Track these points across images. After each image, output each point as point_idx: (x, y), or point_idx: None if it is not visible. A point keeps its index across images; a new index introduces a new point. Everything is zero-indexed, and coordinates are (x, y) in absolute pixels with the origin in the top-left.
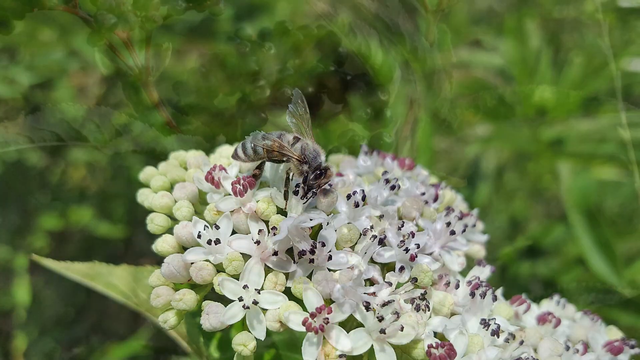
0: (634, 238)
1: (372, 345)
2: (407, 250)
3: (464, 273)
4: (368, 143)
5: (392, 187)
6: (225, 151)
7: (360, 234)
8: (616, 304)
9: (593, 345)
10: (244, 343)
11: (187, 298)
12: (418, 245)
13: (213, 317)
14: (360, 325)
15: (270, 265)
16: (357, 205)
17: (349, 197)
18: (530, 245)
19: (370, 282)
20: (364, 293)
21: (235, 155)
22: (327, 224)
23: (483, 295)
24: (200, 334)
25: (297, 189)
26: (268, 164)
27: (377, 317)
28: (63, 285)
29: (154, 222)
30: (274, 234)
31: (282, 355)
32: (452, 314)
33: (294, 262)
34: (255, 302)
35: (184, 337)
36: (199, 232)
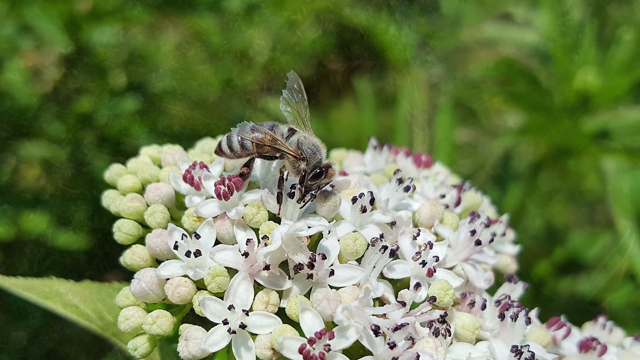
0: None
1: None
2: (424, 263)
3: (491, 291)
4: (377, 136)
5: (406, 189)
6: (207, 145)
7: (368, 245)
8: None
9: None
10: None
11: (162, 321)
12: (437, 258)
13: (192, 343)
14: (369, 353)
15: (261, 282)
16: (364, 210)
17: (354, 200)
18: (570, 257)
19: (380, 301)
20: (373, 315)
21: (219, 151)
22: (329, 232)
23: (514, 318)
24: None
25: (293, 190)
26: (258, 161)
27: (388, 344)
28: (13, 305)
29: (122, 231)
30: (265, 245)
31: None
32: (478, 340)
33: (289, 278)
34: (242, 326)
35: None
36: (176, 242)
